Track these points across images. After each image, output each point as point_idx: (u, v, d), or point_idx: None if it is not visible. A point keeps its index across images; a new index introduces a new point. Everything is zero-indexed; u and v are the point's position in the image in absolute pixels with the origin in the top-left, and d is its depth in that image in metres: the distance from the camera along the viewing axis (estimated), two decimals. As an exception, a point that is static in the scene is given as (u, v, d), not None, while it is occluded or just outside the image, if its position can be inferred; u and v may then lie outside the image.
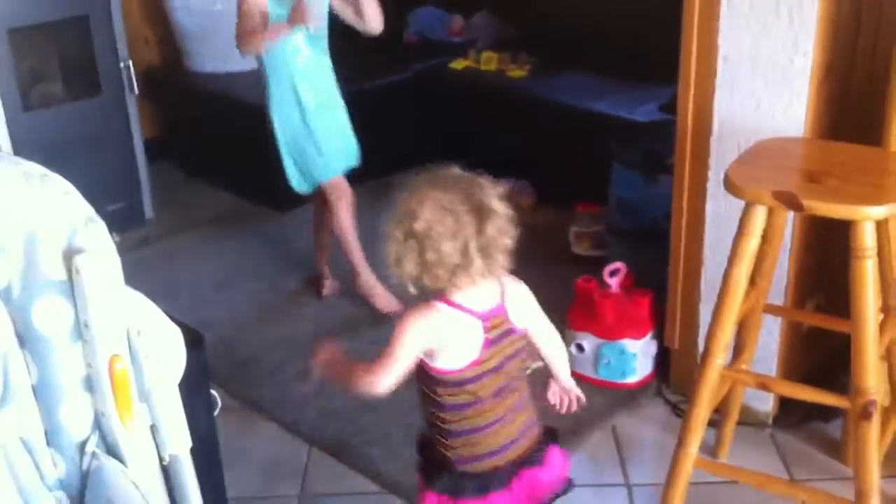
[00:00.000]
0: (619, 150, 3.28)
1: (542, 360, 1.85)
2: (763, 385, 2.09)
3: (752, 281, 2.01)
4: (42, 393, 1.27)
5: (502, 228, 1.61)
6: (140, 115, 3.72)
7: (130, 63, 3.57)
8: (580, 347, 2.64)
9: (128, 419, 1.23)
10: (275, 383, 2.71)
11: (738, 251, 1.90)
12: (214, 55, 4.05)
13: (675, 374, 2.63)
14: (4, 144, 2.33)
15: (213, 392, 1.90)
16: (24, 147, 2.53)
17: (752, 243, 1.88)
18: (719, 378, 2.00)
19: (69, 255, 1.23)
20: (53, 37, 3.56)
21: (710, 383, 1.98)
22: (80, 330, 1.24)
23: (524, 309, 1.72)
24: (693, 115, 2.34)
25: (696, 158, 2.37)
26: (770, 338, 2.36)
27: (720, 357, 1.96)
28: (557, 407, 1.89)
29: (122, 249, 1.26)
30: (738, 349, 2.23)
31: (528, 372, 1.77)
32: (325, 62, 2.96)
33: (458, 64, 4.08)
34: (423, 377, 1.69)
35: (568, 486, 1.82)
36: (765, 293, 2.16)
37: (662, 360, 2.67)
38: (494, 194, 1.62)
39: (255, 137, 3.12)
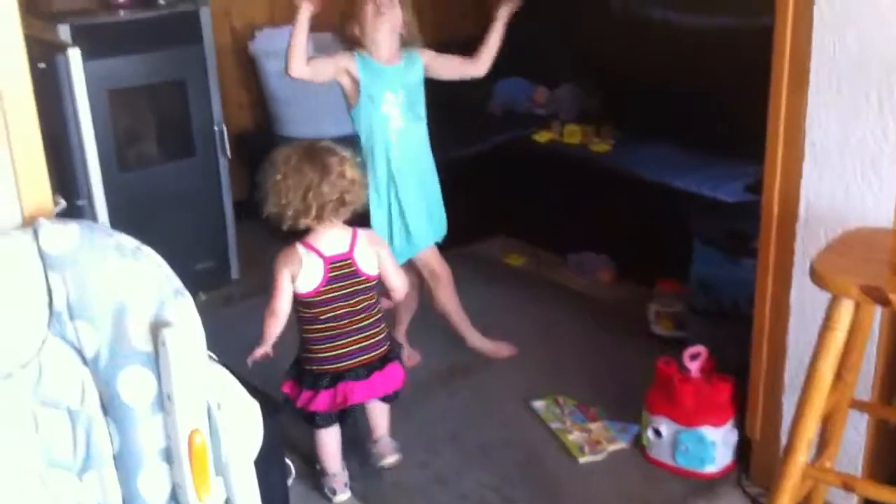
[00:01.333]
0: (701, 228, 3.24)
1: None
2: (848, 485, 2.00)
3: (838, 374, 1.94)
4: (122, 461, 1.30)
5: (339, 186, 2.29)
6: (231, 177, 3.81)
7: (224, 127, 3.68)
8: (657, 432, 2.59)
9: (204, 493, 1.25)
10: (347, 448, 2.71)
11: (823, 344, 1.84)
12: (303, 120, 4.16)
13: (755, 465, 2.54)
14: (100, 206, 2.40)
15: (287, 461, 1.92)
16: (118, 207, 2.60)
17: (838, 337, 1.83)
18: (802, 476, 1.93)
19: (156, 328, 1.26)
20: (151, 99, 3.70)
21: (792, 481, 1.91)
22: (163, 401, 1.27)
23: (372, 259, 2.40)
24: (779, 200, 2.30)
25: (781, 244, 2.33)
26: (856, 434, 2.28)
27: (803, 454, 1.90)
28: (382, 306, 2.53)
29: (207, 308, 1.29)
30: (823, 445, 2.15)
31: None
32: (420, 129, 2.92)
33: (542, 136, 4.09)
34: (294, 299, 2.35)
35: (395, 393, 2.52)
36: (851, 388, 2.08)
37: (743, 449, 2.59)
38: (343, 161, 2.32)
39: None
